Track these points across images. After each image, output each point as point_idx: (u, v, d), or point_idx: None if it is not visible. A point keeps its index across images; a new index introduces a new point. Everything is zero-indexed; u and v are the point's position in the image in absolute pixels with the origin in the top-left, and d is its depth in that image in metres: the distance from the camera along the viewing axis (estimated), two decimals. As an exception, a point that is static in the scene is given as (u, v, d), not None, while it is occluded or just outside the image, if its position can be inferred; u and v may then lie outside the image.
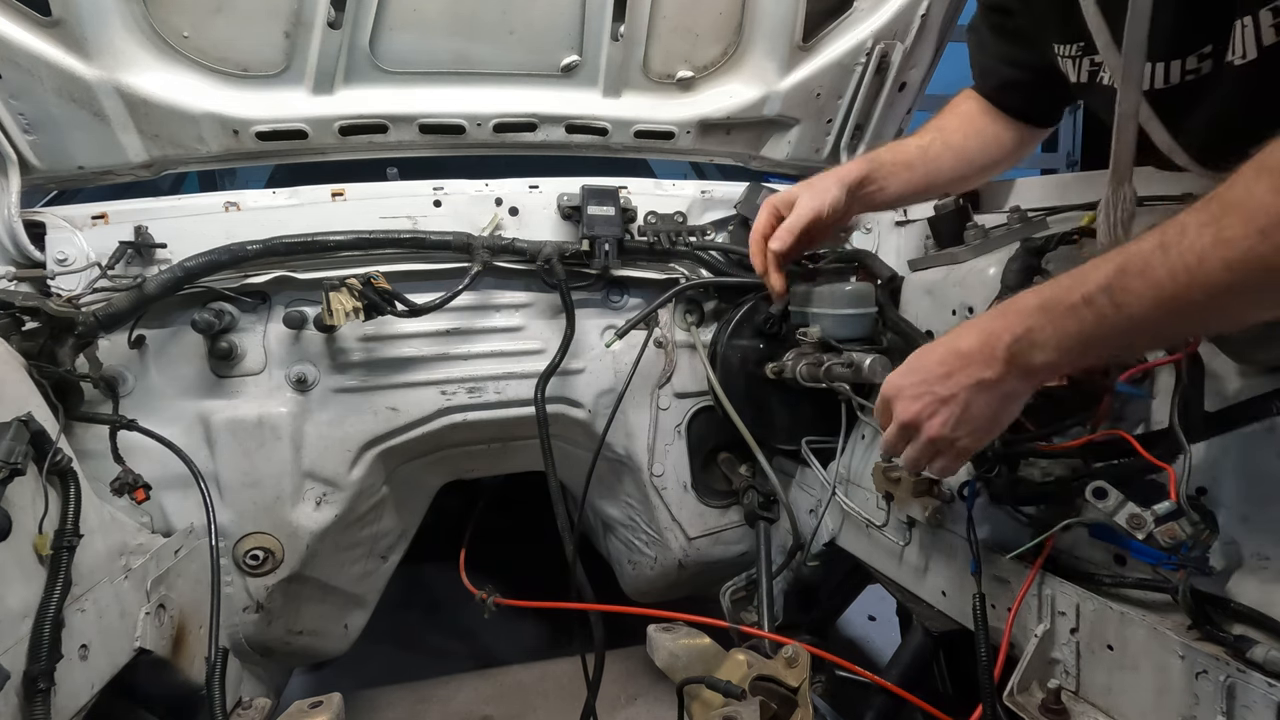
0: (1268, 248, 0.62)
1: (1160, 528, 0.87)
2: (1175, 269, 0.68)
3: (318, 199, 1.58)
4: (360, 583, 1.81)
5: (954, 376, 0.88)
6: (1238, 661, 0.82)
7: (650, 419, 1.80)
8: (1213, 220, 0.66)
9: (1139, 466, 0.95)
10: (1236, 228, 0.64)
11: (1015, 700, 1.03)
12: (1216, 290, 0.67)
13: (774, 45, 1.77)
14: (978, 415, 0.89)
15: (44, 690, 0.97)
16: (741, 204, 1.75)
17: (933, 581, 1.34)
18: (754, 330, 1.70)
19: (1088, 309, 0.76)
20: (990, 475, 1.11)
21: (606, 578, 2.12)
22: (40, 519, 1.06)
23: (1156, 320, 0.72)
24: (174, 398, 1.53)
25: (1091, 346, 0.79)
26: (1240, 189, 0.65)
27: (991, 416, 0.90)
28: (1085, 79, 1.14)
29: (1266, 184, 0.62)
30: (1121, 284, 0.72)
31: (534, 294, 1.70)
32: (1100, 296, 0.74)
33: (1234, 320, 0.77)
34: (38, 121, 1.47)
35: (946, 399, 0.90)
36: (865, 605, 2.30)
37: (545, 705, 2.07)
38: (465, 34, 1.64)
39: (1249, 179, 0.65)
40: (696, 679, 1.23)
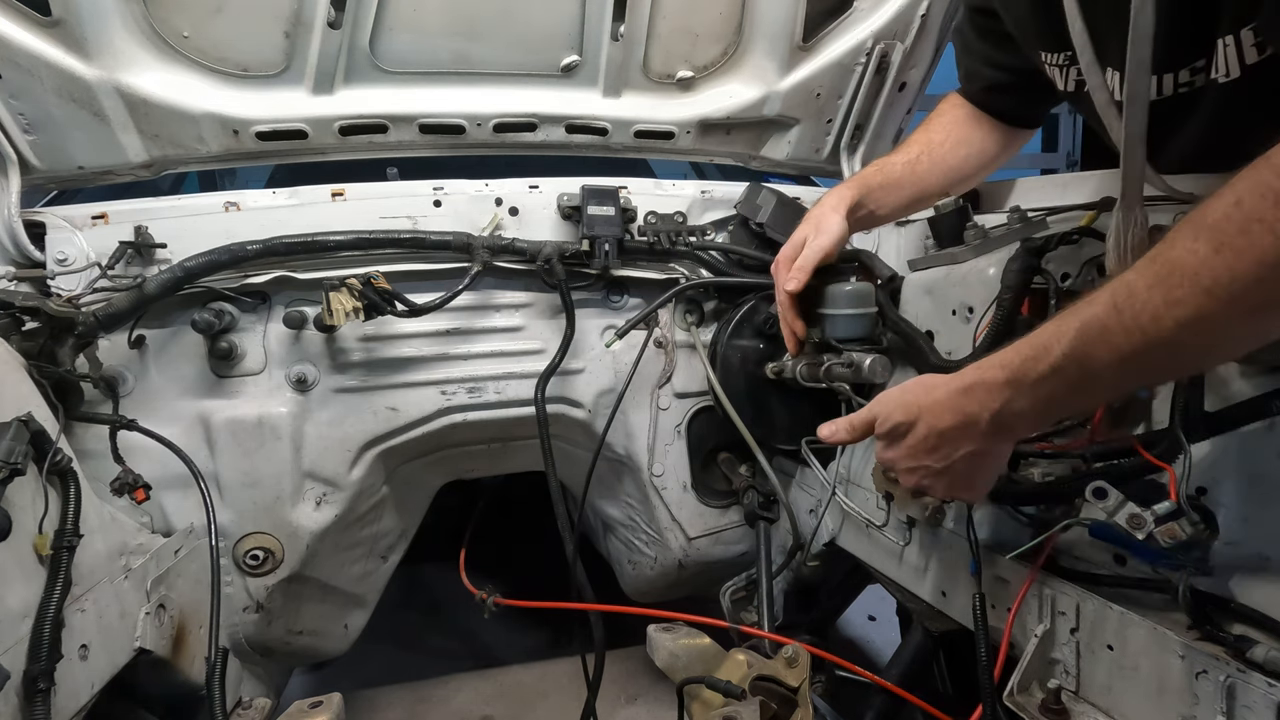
0: (1215, 305, 0.65)
1: (1160, 528, 0.87)
2: (1130, 330, 0.71)
3: (318, 199, 1.58)
4: (360, 583, 1.81)
5: (942, 450, 0.93)
6: (1238, 661, 0.82)
7: (650, 419, 1.80)
8: (1159, 281, 0.68)
9: (1139, 466, 0.95)
10: (1184, 288, 0.66)
11: (1015, 700, 1.03)
12: (1175, 348, 0.70)
13: (774, 45, 1.77)
14: (975, 475, 0.95)
15: (44, 690, 0.97)
16: (741, 204, 1.75)
17: (933, 581, 1.34)
18: (754, 330, 1.70)
19: (1056, 377, 0.79)
20: None
21: (606, 578, 2.12)
22: (40, 519, 1.06)
23: (1123, 376, 0.76)
24: (174, 398, 1.53)
25: (1063, 405, 0.85)
26: (1181, 249, 0.67)
27: (988, 471, 0.97)
28: (1073, 88, 1.14)
29: (1206, 243, 0.65)
30: (1083, 350, 0.76)
31: (534, 294, 1.70)
32: (1068, 366, 0.77)
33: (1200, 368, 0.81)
34: (38, 121, 1.47)
35: (941, 471, 0.95)
36: (865, 605, 2.30)
37: (545, 705, 2.07)
38: (465, 34, 1.64)
39: (1189, 238, 0.67)
40: (696, 679, 1.23)
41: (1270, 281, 0.62)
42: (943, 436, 0.92)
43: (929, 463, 0.95)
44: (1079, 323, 0.75)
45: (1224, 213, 0.64)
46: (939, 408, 0.91)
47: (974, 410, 0.87)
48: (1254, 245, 0.62)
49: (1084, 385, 0.78)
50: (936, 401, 0.92)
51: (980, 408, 0.87)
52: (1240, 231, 0.63)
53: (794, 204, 1.75)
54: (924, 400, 0.93)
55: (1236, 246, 0.63)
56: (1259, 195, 0.62)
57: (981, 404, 0.86)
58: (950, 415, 0.90)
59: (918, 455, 0.96)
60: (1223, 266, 0.64)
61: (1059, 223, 1.29)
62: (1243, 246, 0.62)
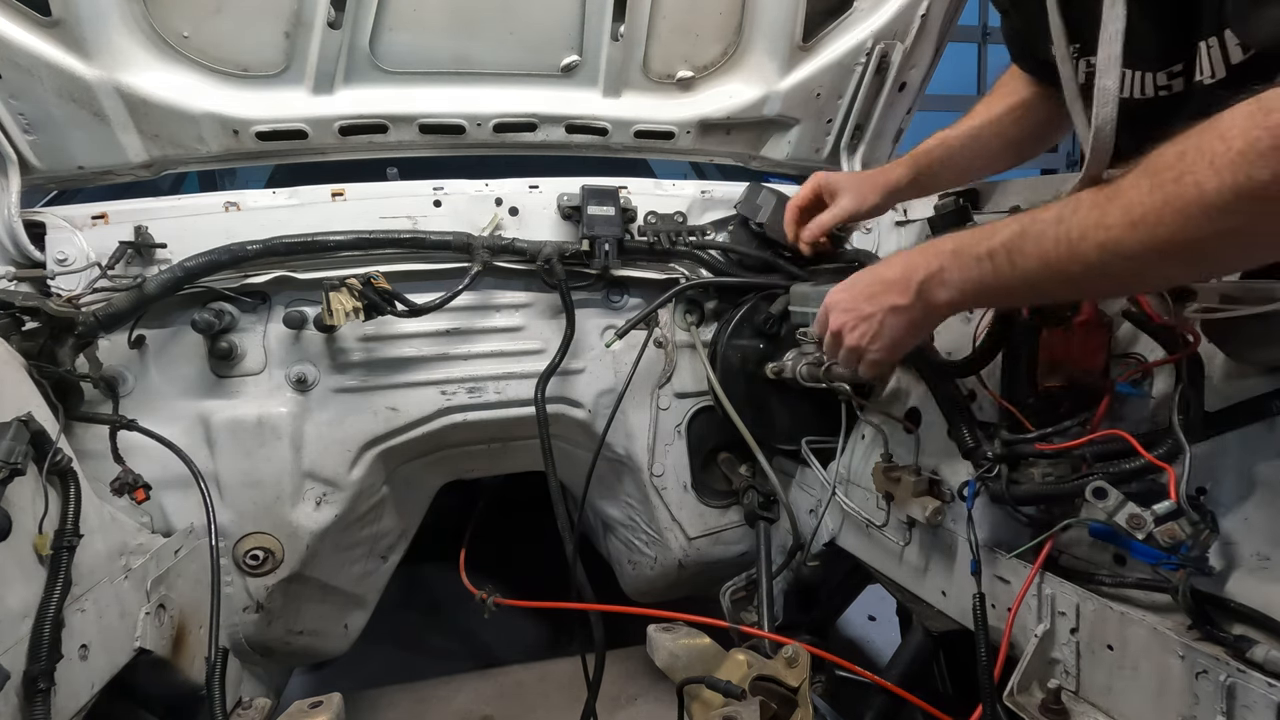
0: (1134, 239, 0.71)
1: (1160, 528, 0.87)
2: (1060, 240, 0.78)
3: (318, 199, 1.58)
4: (360, 583, 1.81)
5: (875, 299, 1.02)
6: (1238, 661, 0.82)
7: (650, 419, 1.80)
8: (1099, 204, 0.75)
9: (1138, 467, 0.95)
10: (1115, 215, 0.73)
11: (1015, 700, 1.03)
12: (1089, 266, 0.76)
13: (774, 45, 1.77)
14: (888, 334, 1.03)
15: (44, 690, 0.97)
16: (741, 204, 1.75)
17: (933, 581, 1.34)
18: (754, 330, 1.70)
19: (989, 261, 0.86)
20: (990, 475, 1.11)
21: (606, 578, 2.12)
22: (40, 519, 1.06)
23: (1042, 281, 0.83)
24: (174, 398, 1.53)
25: (987, 293, 0.91)
26: (1128, 183, 0.73)
27: (898, 338, 1.04)
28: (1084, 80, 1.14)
29: (1148, 183, 0.70)
30: (1019, 245, 0.83)
31: (534, 294, 1.70)
32: (1000, 252, 0.85)
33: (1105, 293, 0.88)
34: (38, 121, 1.47)
35: (866, 316, 1.04)
36: (865, 605, 2.30)
37: (545, 705, 2.06)
38: (465, 34, 1.64)
39: (1137, 175, 0.72)
40: (696, 679, 1.23)
41: (1184, 228, 0.67)
42: (882, 283, 1.01)
43: (862, 307, 1.04)
44: (1027, 220, 0.82)
45: (1169, 160, 0.69)
46: (893, 260, 1.01)
47: (915, 265, 0.96)
48: (1182, 194, 0.67)
49: (1009, 277, 0.85)
50: (889, 261, 1.02)
51: (923, 264, 0.95)
52: (1175, 179, 0.68)
53: (794, 204, 1.75)
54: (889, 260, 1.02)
55: (1167, 191, 0.68)
56: (1198, 151, 0.67)
57: (925, 261, 0.95)
58: (897, 267, 0.99)
59: (858, 299, 1.05)
60: (1151, 205, 0.69)
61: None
62: (1172, 193, 0.68)
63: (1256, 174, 0.62)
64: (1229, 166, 0.64)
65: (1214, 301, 0.92)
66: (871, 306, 1.03)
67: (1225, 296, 0.91)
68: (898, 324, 1.02)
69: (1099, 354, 1.07)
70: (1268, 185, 0.62)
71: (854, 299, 1.07)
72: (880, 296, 1.01)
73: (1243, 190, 0.63)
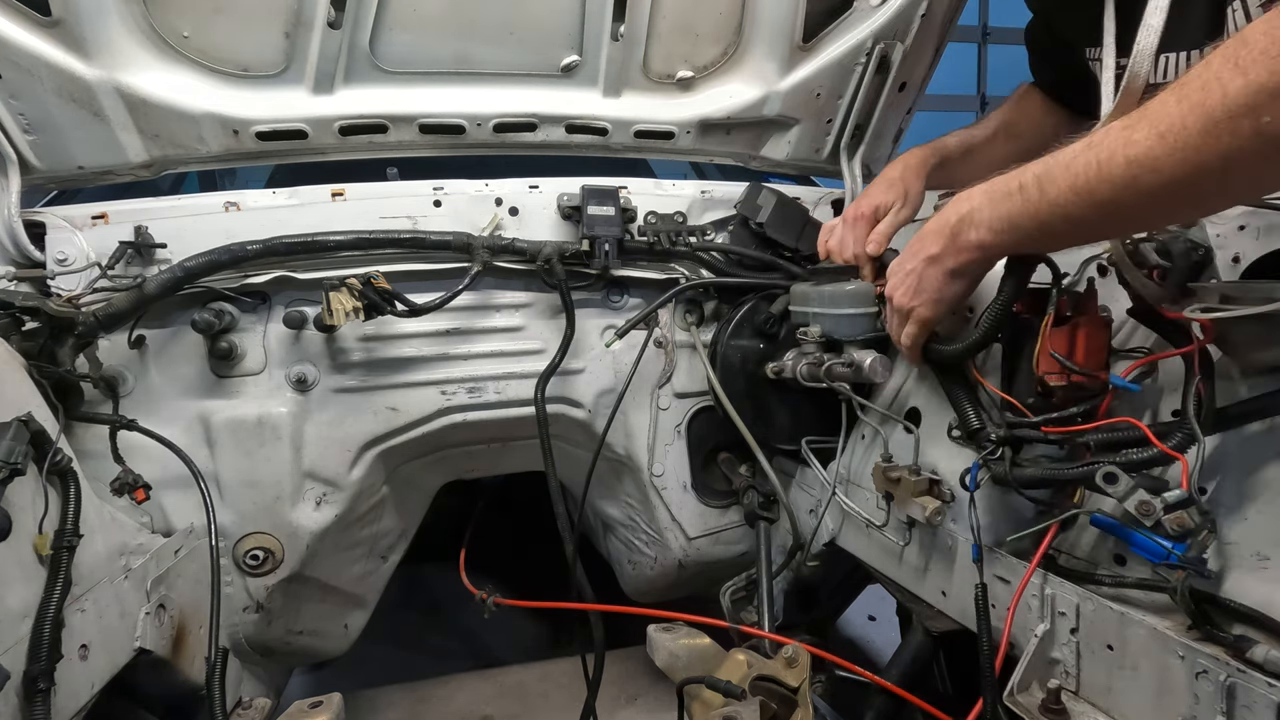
0: (1163, 149, 0.71)
1: (1169, 515, 0.87)
2: (1089, 162, 0.78)
3: (318, 199, 1.58)
4: (360, 583, 1.81)
5: (915, 254, 1.04)
6: (1238, 661, 0.82)
7: (650, 419, 1.80)
8: (1129, 124, 0.76)
9: (1149, 456, 0.95)
10: (1142, 129, 0.73)
11: (1015, 700, 1.03)
12: (1119, 183, 0.76)
13: (774, 45, 1.77)
14: (927, 285, 1.04)
15: (44, 690, 0.97)
16: (741, 204, 1.75)
17: (933, 581, 1.34)
18: (754, 330, 1.70)
19: (1020, 194, 0.87)
20: (994, 457, 1.11)
21: (606, 578, 2.12)
22: (40, 519, 1.06)
23: (1071, 207, 0.82)
24: (174, 398, 1.53)
25: (1017, 229, 0.91)
26: (1158, 101, 0.74)
27: (937, 287, 1.04)
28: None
29: (1173, 96, 0.71)
30: (1049, 173, 0.83)
31: (534, 294, 1.70)
32: (1030, 184, 0.85)
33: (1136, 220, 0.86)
34: (38, 121, 1.47)
35: (909, 272, 1.06)
36: (865, 605, 2.30)
37: (545, 705, 2.07)
38: (465, 34, 1.64)
39: (1166, 92, 0.73)
40: (696, 679, 1.23)
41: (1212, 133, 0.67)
42: (922, 238, 1.02)
43: (906, 264, 1.06)
44: (1057, 151, 0.83)
45: (1194, 73, 0.70)
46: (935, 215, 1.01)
47: (949, 213, 0.96)
48: (1207, 99, 0.68)
49: (1040, 208, 0.85)
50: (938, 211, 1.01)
51: (953, 211, 0.96)
52: (1200, 87, 0.68)
53: (794, 204, 1.75)
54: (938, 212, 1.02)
55: (1193, 99, 0.69)
56: (1223, 59, 0.67)
57: (955, 208, 0.95)
58: (934, 219, 1.01)
59: (904, 259, 1.06)
60: (1178, 113, 0.70)
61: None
62: (1197, 100, 0.68)
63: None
64: (1252, 65, 0.64)
65: (1214, 301, 0.92)
66: (912, 261, 1.04)
67: (1225, 296, 0.91)
68: (936, 273, 1.02)
69: (1100, 351, 1.07)
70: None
71: (901, 260, 1.08)
72: (918, 250, 1.03)
73: (1267, 86, 0.63)
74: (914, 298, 1.07)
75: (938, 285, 1.04)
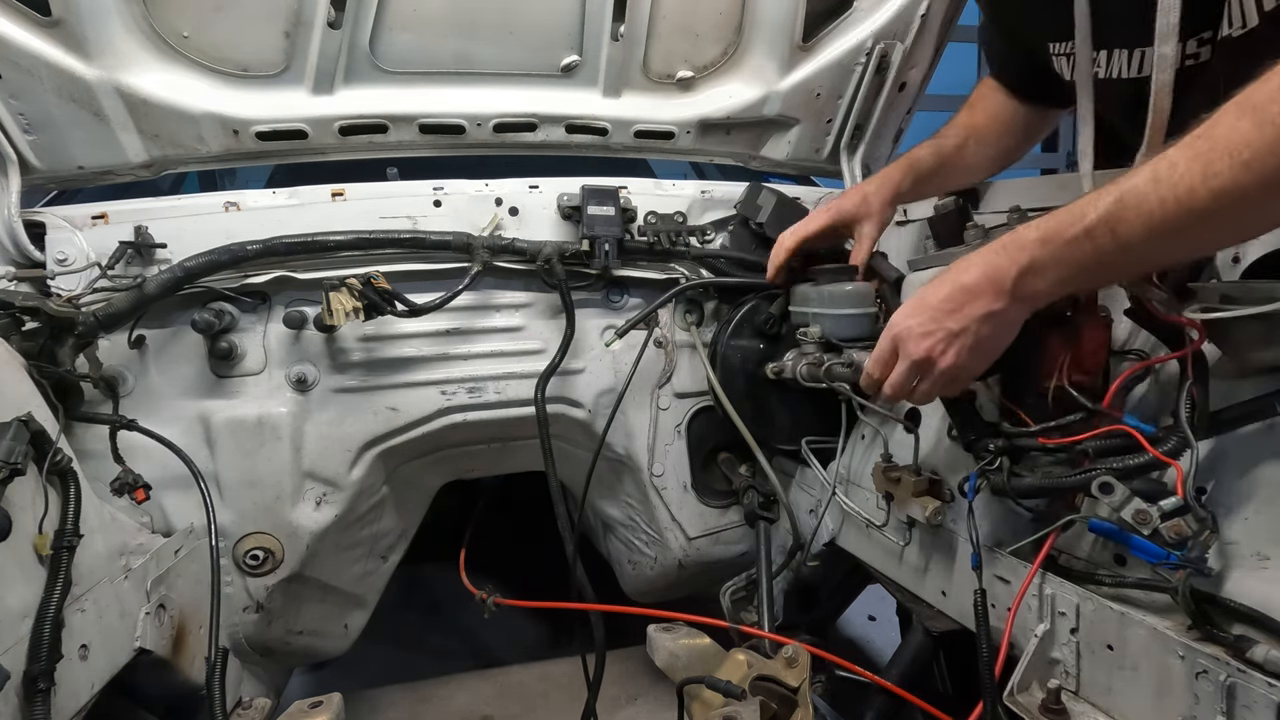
0: (1250, 178, 0.69)
1: (1166, 524, 0.87)
2: (1166, 200, 0.74)
3: (318, 199, 1.58)
4: (360, 583, 1.81)
5: (963, 310, 0.93)
6: (1238, 661, 0.82)
7: (650, 419, 1.80)
8: (1200, 155, 0.72)
9: (1144, 463, 0.95)
10: (1223, 162, 0.70)
11: (1015, 700, 1.03)
12: (1205, 216, 0.73)
13: (774, 45, 1.77)
14: (986, 343, 0.95)
15: (44, 690, 0.97)
16: (741, 204, 1.75)
17: (933, 581, 1.34)
18: (754, 330, 1.70)
19: (1088, 240, 0.82)
20: (991, 468, 1.11)
21: (606, 578, 2.12)
22: (40, 519, 1.06)
23: (1148, 246, 0.79)
24: (174, 398, 1.53)
25: (1088, 273, 0.86)
26: (1225, 126, 0.71)
27: (996, 342, 0.96)
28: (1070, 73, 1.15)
29: (1249, 120, 0.69)
30: (1119, 215, 0.78)
31: (534, 294, 1.70)
32: (1100, 229, 0.80)
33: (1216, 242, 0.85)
34: (38, 121, 1.47)
35: (958, 333, 0.95)
36: (865, 605, 2.30)
37: (545, 705, 2.07)
38: (465, 34, 1.64)
39: (1233, 116, 0.71)
40: (696, 679, 1.23)
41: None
42: (967, 291, 0.92)
43: (949, 324, 0.95)
44: (1119, 191, 0.78)
45: (1269, 93, 0.68)
46: (966, 263, 0.93)
47: (1003, 264, 0.88)
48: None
49: (1112, 252, 0.80)
50: (966, 260, 0.93)
51: (1009, 261, 0.88)
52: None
53: (794, 204, 1.75)
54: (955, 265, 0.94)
55: (1277, 124, 0.66)
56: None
57: (1011, 258, 0.88)
58: (977, 268, 0.91)
59: (938, 317, 0.95)
60: (1262, 141, 0.67)
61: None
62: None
63: None
64: None
65: (1214, 301, 0.92)
66: (960, 320, 0.94)
67: (1225, 296, 0.91)
68: (995, 330, 0.94)
69: (1100, 353, 1.06)
70: None
71: (934, 318, 0.97)
72: (968, 307, 0.93)
73: None
74: (972, 357, 0.97)
75: (998, 339, 0.96)
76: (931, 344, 0.98)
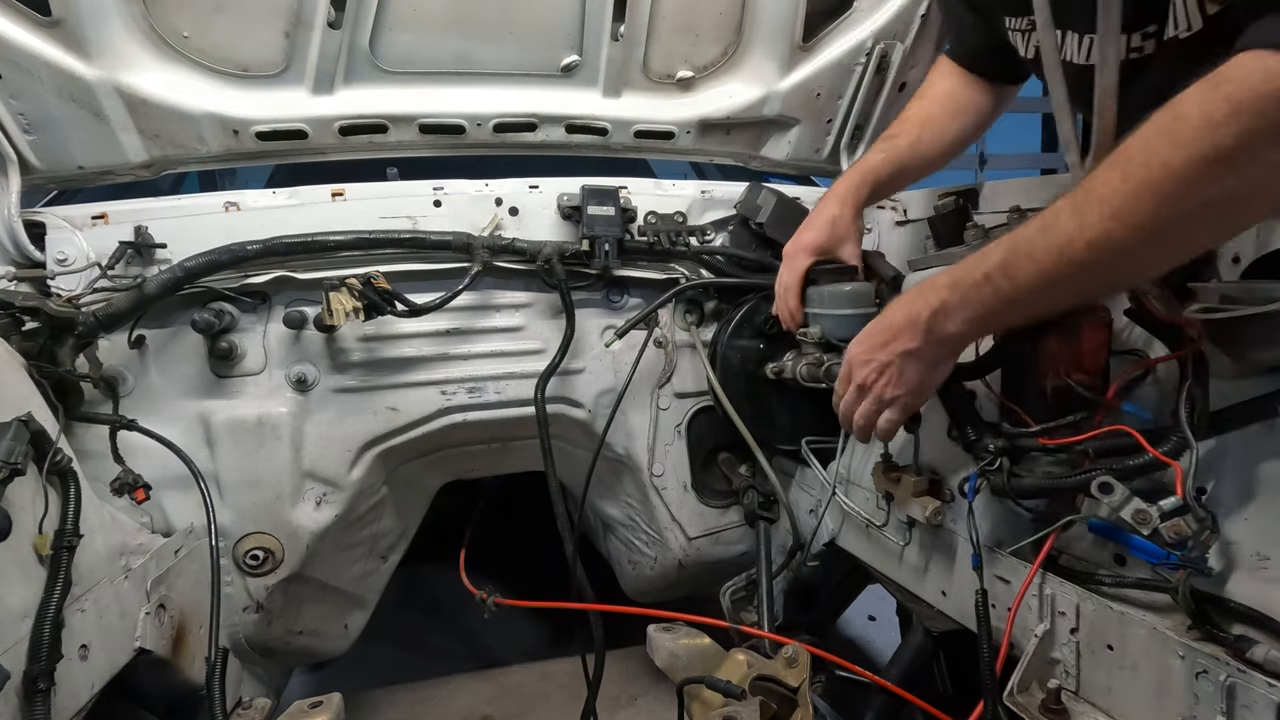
0: (1119, 231, 0.74)
1: (1166, 524, 0.87)
2: (1051, 249, 0.81)
3: (318, 199, 1.58)
4: (360, 583, 1.81)
5: (889, 345, 1.03)
6: (1238, 661, 0.82)
7: (650, 419, 1.80)
8: (1077, 207, 0.78)
9: (1144, 463, 0.95)
10: (1094, 214, 0.75)
11: (1015, 700, 1.03)
12: (1083, 266, 0.79)
13: (774, 45, 1.77)
14: (910, 378, 1.04)
15: (44, 690, 0.97)
16: (741, 204, 1.75)
17: (933, 581, 1.34)
18: (754, 330, 1.70)
19: (988, 284, 0.89)
20: (991, 469, 1.11)
21: (606, 578, 2.12)
22: (40, 519, 1.06)
23: (1041, 291, 0.85)
24: (174, 398, 1.53)
25: (992, 315, 0.93)
26: (1099, 179, 0.76)
27: (920, 378, 1.05)
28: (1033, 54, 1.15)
29: (1118, 173, 0.73)
30: (1013, 262, 0.85)
31: (534, 294, 1.70)
32: (997, 273, 0.87)
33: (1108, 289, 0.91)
34: (38, 121, 1.47)
35: (886, 364, 1.05)
36: (865, 605, 2.30)
37: (545, 705, 2.07)
38: (465, 34, 1.64)
39: (1106, 169, 0.75)
40: (696, 679, 1.23)
41: (1162, 208, 0.70)
42: (891, 329, 1.02)
43: (879, 356, 1.05)
44: (1011, 241, 0.86)
45: (1134, 148, 0.72)
46: (896, 304, 1.03)
47: (918, 307, 0.97)
48: (1150, 176, 0.70)
49: (1010, 296, 0.88)
50: (896, 300, 1.03)
51: (923, 305, 0.97)
52: (1143, 164, 0.71)
53: (794, 204, 1.75)
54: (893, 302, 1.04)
55: (1138, 176, 0.71)
56: (1158, 131, 0.70)
57: (925, 302, 0.97)
58: (901, 310, 1.01)
59: (873, 348, 1.06)
60: (1126, 193, 0.72)
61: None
62: (1142, 178, 0.71)
63: (1220, 141, 0.66)
64: (1191, 140, 0.67)
65: (1214, 301, 0.92)
66: (887, 354, 1.04)
67: (1225, 296, 0.91)
68: (916, 367, 1.03)
69: (1100, 353, 1.07)
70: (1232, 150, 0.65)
71: (870, 349, 1.07)
72: (892, 343, 1.02)
73: (1208, 158, 0.66)
74: (896, 388, 1.06)
75: (921, 377, 1.04)
76: (867, 372, 1.07)
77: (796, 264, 1.47)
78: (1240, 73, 0.66)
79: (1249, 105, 0.65)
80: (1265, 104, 0.64)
